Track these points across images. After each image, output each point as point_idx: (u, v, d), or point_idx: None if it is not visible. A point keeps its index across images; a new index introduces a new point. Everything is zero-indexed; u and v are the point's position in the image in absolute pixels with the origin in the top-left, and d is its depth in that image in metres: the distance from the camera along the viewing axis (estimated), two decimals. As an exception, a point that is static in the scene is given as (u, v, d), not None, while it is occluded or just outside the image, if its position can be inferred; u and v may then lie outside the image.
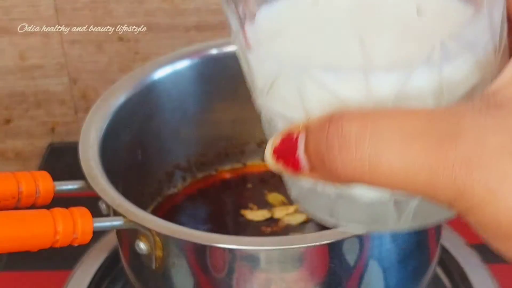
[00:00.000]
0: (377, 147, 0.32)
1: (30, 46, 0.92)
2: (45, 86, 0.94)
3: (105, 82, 0.93)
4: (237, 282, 0.59)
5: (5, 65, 0.93)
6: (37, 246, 0.57)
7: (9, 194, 0.60)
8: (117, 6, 0.89)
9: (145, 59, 0.92)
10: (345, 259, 0.59)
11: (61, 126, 0.97)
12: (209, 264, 0.59)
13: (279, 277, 0.59)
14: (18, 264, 0.78)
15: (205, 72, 0.76)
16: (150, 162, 0.76)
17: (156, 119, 0.75)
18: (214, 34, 0.91)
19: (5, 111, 0.96)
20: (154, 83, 0.74)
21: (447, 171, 0.31)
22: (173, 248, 0.60)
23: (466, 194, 0.31)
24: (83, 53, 0.92)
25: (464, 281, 0.74)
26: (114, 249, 0.78)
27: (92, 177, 0.62)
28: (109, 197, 0.60)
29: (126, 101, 0.71)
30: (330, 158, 0.33)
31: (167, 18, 0.90)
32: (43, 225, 0.56)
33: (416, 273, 0.64)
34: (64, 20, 0.90)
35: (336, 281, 0.60)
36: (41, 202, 0.61)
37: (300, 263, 0.58)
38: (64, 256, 0.76)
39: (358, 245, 0.59)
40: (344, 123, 0.32)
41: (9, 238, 0.56)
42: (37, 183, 0.61)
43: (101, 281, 0.76)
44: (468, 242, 0.77)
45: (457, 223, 0.79)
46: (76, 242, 0.58)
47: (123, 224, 0.59)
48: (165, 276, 0.62)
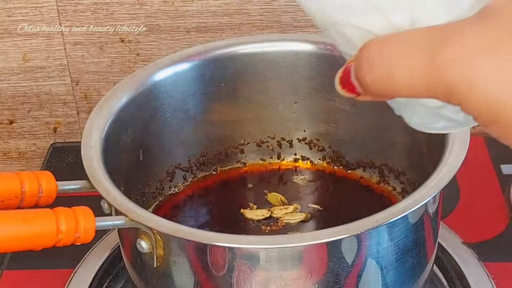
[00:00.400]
0: (390, 62, 0.39)
1: (33, 48, 0.92)
2: (48, 87, 0.95)
3: (107, 83, 0.94)
4: (237, 280, 0.59)
5: (8, 66, 0.93)
6: (40, 245, 0.57)
7: (13, 194, 0.59)
8: (118, 8, 0.90)
9: (146, 60, 0.92)
10: (344, 258, 0.59)
11: (63, 127, 0.97)
12: (209, 263, 0.59)
13: (278, 275, 0.59)
14: (21, 263, 0.78)
15: (206, 73, 0.76)
16: (151, 162, 0.76)
17: (157, 119, 0.75)
18: (214, 35, 0.91)
19: (8, 112, 0.96)
20: (156, 84, 0.74)
21: (437, 73, 0.38)
22: (174, 247, 0.60)
23: (454, 89, 0.38)
24: (85, 55, 0.92)
25: (461, 279, 0.74)
26: (115, 248, 0.78)
27: (94, 177, 0.62)
28: (111, 196, 0.60)
29: (128, 102, 0.71)
30: (362, 77, 0.41)
31: (168, 20, 0.90)
32: (46, 224, 0.56)
33: (413, 271, 0.64)
34: (66, 22, 0.90)
35: (334, 279, 0.60)
36: (44, 201, 0.61)
37: (299, 261, 0.59)
38: (66, 255, 0.77)
39: (356, 244, 0.59)
40: (368, 48, 0.40)
41: (12, 237, 0.56)
42: (40, 183, 0.60)
43: (102, 280, 0.77)
44: (464, 241, 0.78)
45: (453, 222, 0.80)
46: (78, 241, 0.58)
47: (125, 223, 0.59)
48: (166, 274, 0.62)
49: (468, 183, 0.84)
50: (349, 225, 0.57)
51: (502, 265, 0.76)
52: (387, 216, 0.58)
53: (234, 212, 0.76)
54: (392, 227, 0.60)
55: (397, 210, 0.58)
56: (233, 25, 0.91)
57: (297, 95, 0.79)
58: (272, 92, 0.79)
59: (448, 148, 0.63)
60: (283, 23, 0.91)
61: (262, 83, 0.78)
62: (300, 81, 0.78)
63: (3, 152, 0.99)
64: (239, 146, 0.82)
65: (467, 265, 0.75)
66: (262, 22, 0.91)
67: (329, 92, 0.77)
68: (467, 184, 0.84)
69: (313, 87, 0.78)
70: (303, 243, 0.57)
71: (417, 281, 0.66)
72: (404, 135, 0.74)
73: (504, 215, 0.81)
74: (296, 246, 0.58)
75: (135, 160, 0.74)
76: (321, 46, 0.76)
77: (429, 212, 0.63)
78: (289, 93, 0.79)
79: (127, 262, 0.67)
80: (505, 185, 0.84)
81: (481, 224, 0.80)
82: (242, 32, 0.91)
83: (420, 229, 0.62)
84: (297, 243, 0.57)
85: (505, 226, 0.80)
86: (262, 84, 0.79)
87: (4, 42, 0.91)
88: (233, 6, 0.90)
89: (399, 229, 0.60)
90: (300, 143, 0.82)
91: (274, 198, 0.78)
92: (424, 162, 0.72)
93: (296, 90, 0.79)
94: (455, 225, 0.79)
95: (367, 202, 0.77)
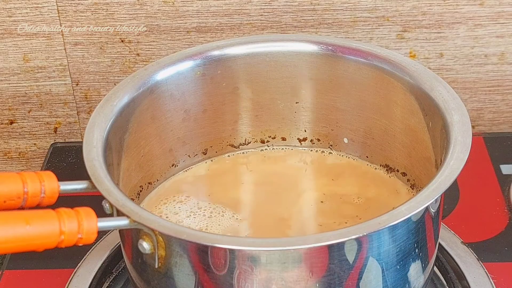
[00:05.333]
0: None
1: (33, 48, 0.92)
2: (48, 87, 0.95)
3: (107, 84, 0.94)
4: (238, 282, 0.60)
5: (8, 66, 0.93)
6: (43, 246, 0.57)
7: (15, 194, 0.59)
8: (118, 8, 0.90)
9: (146, 60, 0.92)
10: (345, 260, 0.59)
11: (64, 127, 0.98)
12: (211, 264, 0.59)
13: (280, 276, 0.59)
14: (21, 263, 0.78)
15: (206, 73, 0.76)
16: (152, 162, 0.76)
17: (158, 119, 0.75)
18: (214, 35, 0.91)
19: (9, 112, 0.96)
20: (157, 83, 0.74)
21: None
22: (176, 248, 0.60)
23: None
24: (86, 55, 0.92)
25: (460, 279, 0.74)
26: (115, 248, 0.78)
27: (96, 177, 0.62)
28: (113, 197, 0.60)
29: (129, 102, 0.71)
30: None
31: (168, 20, 0.90)
32: (49, 226, 0.56)
33: (414, 272, 0.64)
34: (66, 22, 0.90)
35: (335, 281, 0.60)
36: (46, 202, 0.61)
37: (300, 263, 0.59)
38: (67, 255, 0.77)
39: (357, 246, 0.59)
40: None
41: (15, 238, 0.56)
42: (42, 183, 0.60)
43: (102, 280, 0.77)
44: (464, 241, 0.78)
45: (453, 222, 0.80)
46: (81, 242, 0.58)
47: (128, 224, 0.59)
48: (167, 275, 0.62)
49: (468, 183, 0.84)
50: (351, 227, 0.57)
51: (502, 265, 0.76)
52: (389, 218, 0.58)
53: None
54: (394, 229, 0.60)
55: (399, 213, 0.58)
56: (233, 25, 0.91)
57: (297, 95, 0.79)
58: (272, 92, 0.79)
59: (450, 150, 0.63)
60: (283, 23, 0.91)
61: (263, 83, 0.79)
62: (300, 81, 0.78)
63: (3, 152, 0.99)
64: (240, 146, 0.82)
65: (467, 265, 0.75)
66: (262, 22, 0.91)
67: (329, 92, 0.77)
68: (467, 184, 0.84)
69: (314, 87, 0.78)
70: (305, 246, 0.57)
71: (418, 282, 0.66)
72: (405, 136, 0.74)
73: (504, 215, 0.81)
74: (298, 248, 0.58)
75: (136, 160, 0.74)
76: (321, 46, 0.76)
77: (430, 214, 0.63)
78: (290, 93, 0.79)
79: (128, 263, 0.67)
80: (505, 185, 0.84)
81: (481, 224, 0.80)
82: (242, 32, 0.91)
83: (421, 231, 0.63)
84: (299, 246, 0.57)
85: (505, 226, 0.80)
86: (263, 84, 0.79)
87: (4, 42, 0.91)
88: (233, 6, 0.90)
89: (401, 231, 0.60)
90: (300, 143, 0.82)
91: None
92: (425, 163, 0.72)
93: (296, 90, 0.79)
94: (455, 225, 0.80)
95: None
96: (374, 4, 0.89)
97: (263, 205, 0.76)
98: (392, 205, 0.73)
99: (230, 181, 0.79)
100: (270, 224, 0.73)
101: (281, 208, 0.75)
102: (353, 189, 0.77)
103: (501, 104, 0.96)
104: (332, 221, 0.73)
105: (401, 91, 0.73)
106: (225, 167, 0.81)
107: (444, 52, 0.93)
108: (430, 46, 0.92)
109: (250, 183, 0.79)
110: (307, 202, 0.76)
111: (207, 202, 0.76)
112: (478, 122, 0.97)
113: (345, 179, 0.78)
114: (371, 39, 0.91)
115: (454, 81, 0.94)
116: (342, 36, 0.91)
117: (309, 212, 0.75)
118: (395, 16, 0.90)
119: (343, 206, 0.75)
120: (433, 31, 0.91)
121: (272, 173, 0.80)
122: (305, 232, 0.73)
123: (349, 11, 0.90)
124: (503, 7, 0.90)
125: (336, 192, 0.77)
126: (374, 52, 0.74)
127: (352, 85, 0.76)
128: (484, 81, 0.95)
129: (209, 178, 0.79)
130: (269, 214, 0.74)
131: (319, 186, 0.77)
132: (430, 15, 0.90)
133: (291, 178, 0.79)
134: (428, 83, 0.70)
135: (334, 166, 0.80)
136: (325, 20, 0.90)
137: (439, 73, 0.93)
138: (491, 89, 0.95)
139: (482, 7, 0.90)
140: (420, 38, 0.92)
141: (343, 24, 0.91)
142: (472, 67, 0.94)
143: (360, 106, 0.77)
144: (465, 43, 0.92)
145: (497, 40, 0.92)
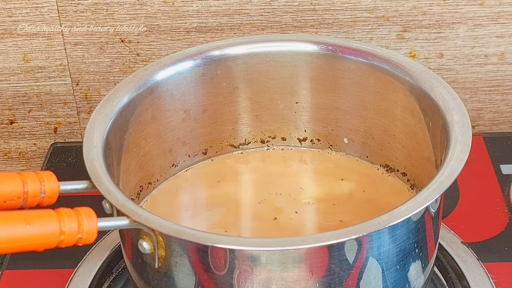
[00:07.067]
0: None
1: (33, 48, 0.92)
2: (48, 87, 0.95)
3: (107, 84, 0.94)
4: (238, 282, 0.60)
5: (8, 66, 0.93)
6: (43, 246, 0.57)
7: (15, 194, 0.59)
8: (118, 8, 0.90)
9: (147, 60, 0.92)
10: (345, 260, 0.59)
11: (64, 127, 0.98)
12: (211, 264, 0.59)
13: (280, 277, 0.59)
14: (21, 263, 0.78)
15: (206, 73, 0.76)
16: (152, 162, 0.76)
17: (158, 119, 0.75)
18: (214, 35, 0.91)
19: (9, 112, 0.96)
20: (157, 83, 0.74)
21: None
22: (176, 248, 0.60)
23: None
24: (86, 55, 0.92)
25: (460, 279, 0.75)
26: (115, 248, 0.78)
27: (96, 177, 0.62)
28: (113, 197, 0.60)
29: (129, 102, 0.71)
30: None
31: (168, 20, 0.90)
32: (49, 225, 0.56)
33: (414, 272, 0.64)
34: (67, 22, 0.90)
35: (335, 281, 0.60)
36: (47, 202, 0.61)
37: (300, 263, 0.59)
38: (67, 255, 0.77)
39: (357, 246, 0.59)
40: None
41: (15, 238, 0.56)
42: (42, 183, 0.60)
43: (103, 280, 0.77)
44: (464, 241, 0.78)
45: (453, 222, 0.80)
46: (81, 242, 0.58)
47: (128, 224, 0.59)
48: (167, 275, 0.62)
49: (468, 183, 0.84)
50: (351, 227, 0.57)
51: (502, 265, 0.76)
52: (389, 218, 0.58)
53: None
54: (394, 229, 0.60)
55: (399, 213, 0.58)
56: (233, 25, 0.91)
57: (297, 95, 0.79)
58: (272, 92, 0.79)
59: (450, 150, 0.63)
60: (283, 23, 0.91)
61: (263, 83, 0.79)
62: (300, 81, 0.78)
63: (3, 152, 0.99)
64: (240, 146, 0.82)
65: (467, 265, 0.75)
66: (262, 22, 0.91)
67: (329, 92, 0.77)
68: (467, 184, 0.84)
69: (314, 87, 0.78)
70: (305, 246, 0.57)
71: (418, 282, 0.66)
72: (405, 136, 0.75)
73: (504, 215, 0.81)
74: (298, 248, 0.58)
75: (136, 160, 0.74)
76: (321, 46, 0.76)
77: (430, 214, 0.63)
78: (290, 93, 0.79)
79: (128, 263, 0.67)
80: (505, 185, 0.85)
81: (481, 224, 0.80)
82: (242, 32, 0.91)
83: (421, 231, 0.63)
84: (299, 246, 0.57)
85: (505, 226, 0.80)
86: (263, 84, 0.79)
87: (4, 42, 0.91)
88: (233, 6, 0.90)
89: (401, 231, 0.61)
90: (300, 143, 0.82)
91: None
92: (425, 163, 0.72)
93: (296, 90, 0.79)
94: (455, 225, 0.80)
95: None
96: (374, 4, 0.89)
97: (263, 205, 0.76)
98: (392, 205, 0.73)
99: (230, 181, 0.79)
100: (270, 224, 0.73)
101: (281, 208, 0.75)
102: (353, 189, 0.77)
103: (501, 104, 0.96)
104: (332, 221, 0.73)
105: (401, 91, 0.73)
106: (225, 167, 0.81)
107: (444, 52, 0.93)
108: (430, 46, 0.92)
109: (250, 183, 0.79)
110: (307, 202, 0.76)
111: (207, 202, 0.76)
112: (478, 122, 0.97)
113: (345, 179, 0.78)
114: (371, 39, 0.92)
115: (454, 81, 0.94)
116: (342, 36, 0.91)
117: (309, 212, 0.75)
118: (395, 16, 0.90)
119: (343, 206, 0.75)
120: (433, 31, 0.91)
121: (272, 173, 0.80)
122: (305, 232, 0.73)
123: (349, 11, 0.90)
124: (503, 7, 0.90)
125: (336, 192, 0.77)
126: (374, 52, 0.74)
127: (352, 85, 0.76)
128: (484, 81, 0.95)
129: (209, 178, 0.79)
130: (269, 214, 0.74)
131: (319, 186, 0.77)
132: (430, 15, 0.90)
133: (291, 178, 0.79)
134: (428, 83, 0.70)
135: (334, 166, 0.80)
136: (325, 20, 0.90)
137: (439, 73, 0.93)
138: (491, 89, 0.95)
139: (482, 7, 0.90)
140: (420, 38, 0.92)
141: (343, 24, 0.91)
142: (472, 67, 0.94)
143: (360, 106, 0.77)
144: (465, 43, 0.92)
145: (497, 40, 0.92)
